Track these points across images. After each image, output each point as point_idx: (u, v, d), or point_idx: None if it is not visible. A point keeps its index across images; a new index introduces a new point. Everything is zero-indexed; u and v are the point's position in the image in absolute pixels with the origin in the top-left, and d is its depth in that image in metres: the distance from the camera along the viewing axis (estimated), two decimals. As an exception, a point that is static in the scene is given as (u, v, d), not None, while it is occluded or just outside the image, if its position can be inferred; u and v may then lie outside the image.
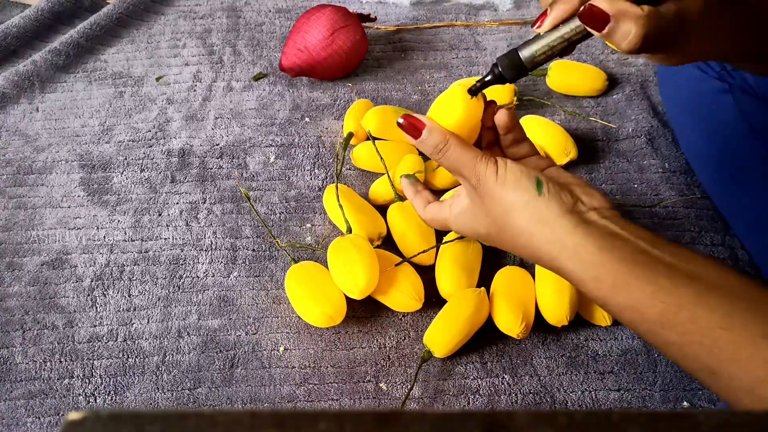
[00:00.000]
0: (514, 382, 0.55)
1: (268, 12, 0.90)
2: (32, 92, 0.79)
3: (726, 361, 0.32)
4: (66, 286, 0.61)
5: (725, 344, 0.32)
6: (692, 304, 0.34)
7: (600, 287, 0.37)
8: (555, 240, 0.38)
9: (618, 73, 0.80)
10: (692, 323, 0.33)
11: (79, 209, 0.67)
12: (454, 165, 0.42)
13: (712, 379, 0.34)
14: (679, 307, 0.34)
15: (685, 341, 0.34)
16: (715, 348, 0.33)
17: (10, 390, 0.54)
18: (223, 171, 0.70)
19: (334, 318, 0.56)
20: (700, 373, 0.34)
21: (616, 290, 0.36)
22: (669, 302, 0.34)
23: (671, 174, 0.70)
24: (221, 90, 0.79)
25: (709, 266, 0.35)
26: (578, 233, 0.38)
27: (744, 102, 0.62)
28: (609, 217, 0.39)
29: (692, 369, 0.35)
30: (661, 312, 0.34)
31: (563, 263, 0.38)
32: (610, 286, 0.36)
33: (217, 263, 0.62)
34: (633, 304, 0.36)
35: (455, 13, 0.90)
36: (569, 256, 0.38)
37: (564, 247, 0.38)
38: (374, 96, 0.78)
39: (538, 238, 0.39)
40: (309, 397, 0.54)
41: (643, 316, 0.35)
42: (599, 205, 0.40)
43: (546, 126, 0.70)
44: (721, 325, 0.33)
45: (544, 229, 0.39)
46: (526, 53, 0.40)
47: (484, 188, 0.41)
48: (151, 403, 0.54)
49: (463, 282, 0.58)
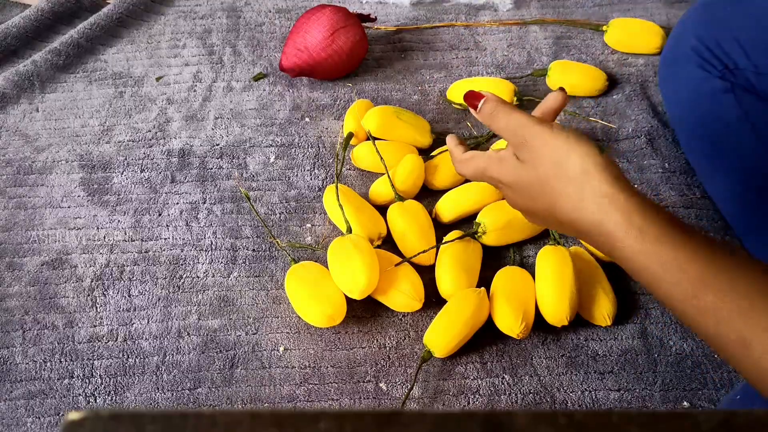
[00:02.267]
0: (514, 382, 0.55)
1: (268, 12, 0.90)
2: (32, 92, 0.79)
3: (761, 330, 0.33)
4: (66, 286, 0.61)
5: (762, 310, 0.33)
6: (733, 267, 0.35)
7: (645, 240, 0.37)
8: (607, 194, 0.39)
9: (618, 73, 0.80)
10: (731, 286, 0.34)
11: (79, 209, 0.67)
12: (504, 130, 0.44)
13: (745, 354, 0.33)
14: (720, 269, 0.35)
15: (722, 305, 0.34)
16: (751, 312, 0.33)
17: (10, 390, 0.54)
18: (223, 171, 0.70)
19: (334, 318, 0.56)
20: (732, 347, 0.34)
21: (660, 246, 0.37)
22: (711, 264, 0.35)
23: (671, 174, 0.70)
24: (221, 90, 0.79)
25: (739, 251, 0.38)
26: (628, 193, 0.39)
27: (746, 101, 0.62)
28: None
29: (725, 342, 0.35)
30: (702, 271, 0.35)
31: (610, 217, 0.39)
32: (654, 239, 0.37)
33: (217, 263, 0.62)
34: (676, 261, 0.36)
35: (455, 13, 0.90)
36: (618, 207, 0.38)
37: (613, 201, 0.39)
38: (374, 96, 0.78)
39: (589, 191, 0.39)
40: (309, 397, 0.54)
41: (685, 274, 0.36)
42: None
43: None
44: (760, 291, 0.33)
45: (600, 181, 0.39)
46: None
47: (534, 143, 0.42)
48: (151, 403, 0.54)
49: (463, 282, 0.58)
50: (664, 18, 0.88)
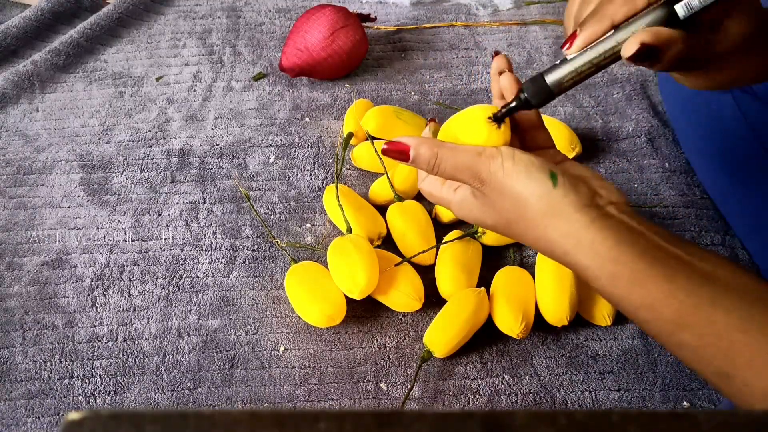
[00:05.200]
0: (514, 382, 0.55)
1: (268, 12, 0.90)
2: (32, 92, 0.79)
3: (741, 366, 0.32)
4: (66, 286, 0.61)
5: (742, 347, 0.32)
6: (709, 305, 0.33)
7: (616, 284, 0.36)
8: (570, 233, 0.37)
9: (618, 72, 0.80)
10: (709, 325, 0.33)
11: (79, 209, 0.67)
12: (453, 174, 0.40)
13: (726, 384, 0.33)
14: (696, 307, 0.33)
15: (700, 343, 0.33)
16: (731, 351, 0.32)
17: (10, 390, 0.54)
18: (223, 171, 0.70)
19: (334, 318, 0.56)
20: (714, 377, 0.34)
21: (632, 287, 0.35)
22: (686, 302, 0.33)
23: (671, 173, 0.70)
24: (221, 90, 0.79)
25: (724, 266, 0.35)
26: (596, 227, 0.36)
27: (744, 102, 0.62)
28: (626, 213, 0.38)
29: (706, 372, 0.34)
30: (678, 311, 0.34)
31: (578, 258, 0.37)
32: (627, 282, 0.35)
33: (217, 263, 0.62)
34: (650, 302, 0.35)
35: (455, 13, 0.90)
36: (585, 250, 0.36)
37: (580, 242, 0.37)
38: (374, 96, 0.78)
39: (552, 232, 0.38)
40: (309, 397, 0.54)
41: (659, 315, 0.34)
42: (617, 199, 0.38)
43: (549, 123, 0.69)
44: (738, 328, 0.32)
45: (559, 222, 0.37)
46: (553, 78, 0.39)
47: (490, 186, 0.39)
48: (151, 403, 0.54)
49: (463, 282, 0.58)
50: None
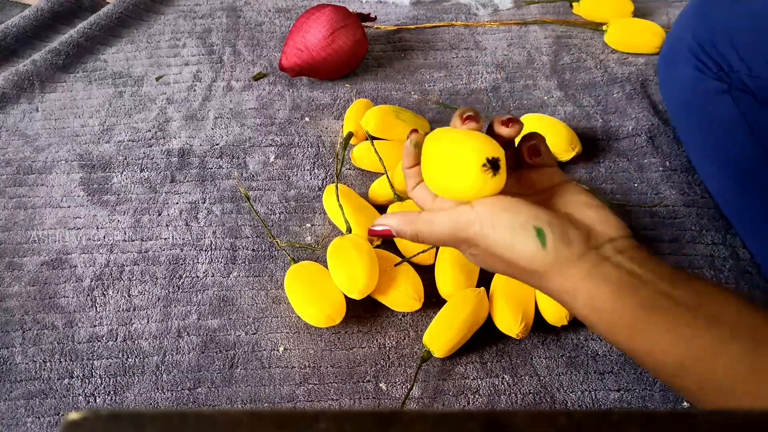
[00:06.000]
0: (514, 382, 0.55)
1: (268, 12, 0.90)
2: (32, 92, 0.79)
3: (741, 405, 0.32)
4: (66, 286, 0.61)
5: (743, 394, 0.32)
6: (712, 354, 0.32)
7: (616, 333, 0.35)
8: (566, 289, 0.36)
9: (618, 71, 0.80)
10: (711, 373, 0.32)
11: (79, 209, 0.67)
12: (438, 243, 0.41)
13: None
14: (699, 357, 0.33)
15: (702, 389, 0.33)
16: (732, 397, 0.32)
17: (10, 390, 0.54)
18: (223, 171, 0.70)
19: (334, 318, 0.56)
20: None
21: (633, 336, 0.35)
22: (688, 352, 0.33)
23: (672, 172, 0.70)
24: (221, 90, 0.79)
25: (732, 305, 0.34)
26: (592, 280, 0.35)
27: (743, 102, 0.62)
28: (626, 250, 0.36)
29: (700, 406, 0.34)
30: (680, 361, 0.33)
31: (578, 310, 0.37)
32: (627, 331, 0.35)
33: (217, 263, 0.62)
34: (650, 350, 0.34)
35: (455, 12, 0.90)
36: (583, 304, 0.36)
37: (578, 295, 0.36)
38: (374, 96, 0.78)
39: (548, 284, 0.37)
40: (309, 397, 0.54)
41: (660, 362, 0.34)
42: (616, 234, 0.37)
43: (549, 123, 0.70)
44: (741, 378, 0.32)
45: (554, 278, 0.37)
46: None
47: (478, 248, 0.39)
48: (151, 403, 0.54)
49: (462, 282, 0.58)
50: (665, 18, 0.88)
